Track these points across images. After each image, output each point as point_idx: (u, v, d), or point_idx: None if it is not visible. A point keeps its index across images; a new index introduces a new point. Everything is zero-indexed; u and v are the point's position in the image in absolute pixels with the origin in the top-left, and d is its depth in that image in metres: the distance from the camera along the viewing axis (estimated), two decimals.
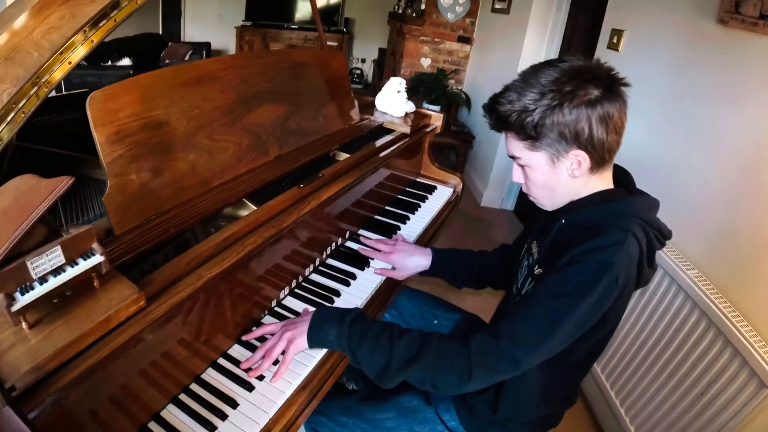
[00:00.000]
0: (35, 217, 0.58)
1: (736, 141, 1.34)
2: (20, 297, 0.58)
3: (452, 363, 0.83)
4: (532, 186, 0.90)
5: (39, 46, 0.88)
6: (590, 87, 0.76)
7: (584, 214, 0.86)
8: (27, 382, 0.58)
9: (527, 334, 0.80)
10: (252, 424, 0.84)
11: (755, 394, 1.12)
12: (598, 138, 0.78)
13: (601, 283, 0.77)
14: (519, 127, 0.81)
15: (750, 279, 1.25)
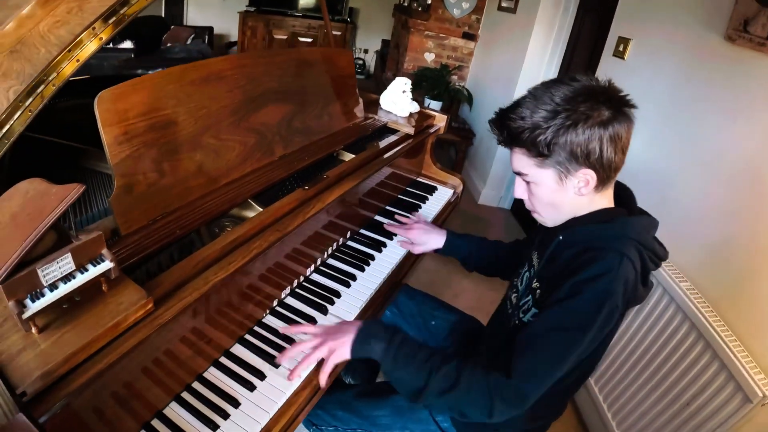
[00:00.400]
0: (46, 225, 0.58)
1: (736, 158, 1.34)
2: (31, 304, 0.59)
3: (476, 399, 0.85)
4: (536, 202, 0.90)
5: (46, 41, 0.87)
6: (603, 108, 0.77)
7: (581, 233, 0.87)
8: (38, 387, 0.58)
9: (537, 370, 0.82)
10: (253, 423, 0.85)
11: (739, 408, 1.14)
12: (608, 157, 0.79)
13: (603, 312, 0.79)
14: (530, 144, 0.81)
15: (742, 295, 1.26)
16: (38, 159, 1.16)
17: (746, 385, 1.13)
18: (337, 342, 0.92)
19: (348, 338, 0.92)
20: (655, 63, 1.72)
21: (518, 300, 1.01)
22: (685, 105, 1.55)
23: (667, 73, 1.65)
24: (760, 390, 1.10)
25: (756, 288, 1.23)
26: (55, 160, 1.19)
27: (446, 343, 1.33)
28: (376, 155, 1.41)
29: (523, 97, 0.84)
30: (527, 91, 0.84)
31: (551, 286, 0.86)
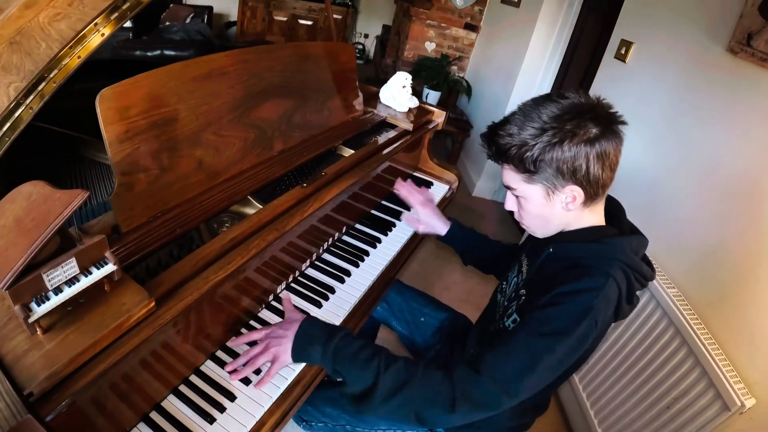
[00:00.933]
0: (51, 231, 0.59)
1: (729, 170, 1.36)
2: (36, 308, 0.60)
3: (435, 396, 0.82)
4: (525, 215, 0.91)
5: (47, 34, 0.85)
6: (590, 125, 0.78)
7: (571, 249, 0.88)
8: (44, 387, 0.60)
9: (508, 371, 0.80)
10: (248, 417, 0.88)
11: (717, 415, 1.17)
12: (594, 174, 0.80)
13: (581, 326, 0.79)
14: (518, 161, 0.82)
15: (727, 304, 1.29)
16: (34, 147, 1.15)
17: (725, 393, 1.16)
18: (279, 348, 0.92)
19: (288, 343, 0.92)
20: (656, 69, 1.72)
21: (506, 304, 1.03)
22: (684, 113, 1.56)
23: (668, 80, 1.65)
24: (738, 399, 1.13)
25: (741, 298, 1.26)
26: (50, 148, 1.18)
27: (433, 339, 1.35)
28: (373, 152, 1.42)
29: (512, 113, 0.84)
30: (517, 107, 0.85)
31: (535, 295, 0.87)
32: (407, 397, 0.83)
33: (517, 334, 0.83)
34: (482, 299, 2.31)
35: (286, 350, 0.92)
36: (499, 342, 0.84)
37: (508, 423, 1.08)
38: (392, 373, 0.84)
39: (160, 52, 2.49)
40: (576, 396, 1.69)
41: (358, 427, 1.14)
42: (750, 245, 1.26)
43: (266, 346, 0.93)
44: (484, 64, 3.55)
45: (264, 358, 0.92)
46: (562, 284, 0.82)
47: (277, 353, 0.92)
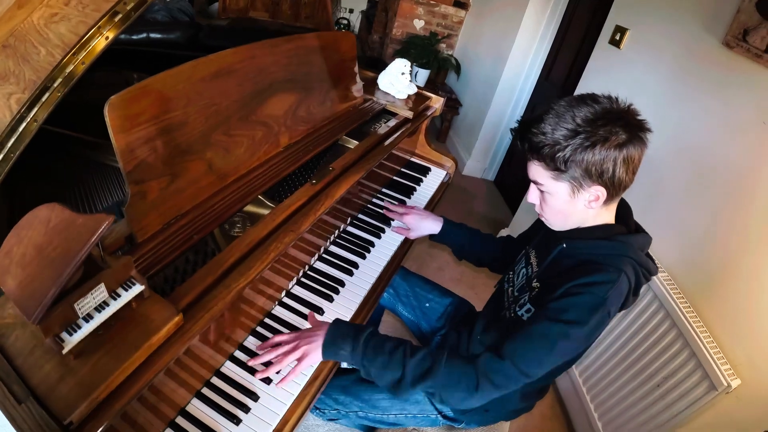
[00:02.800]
0: (79, 261, 0.55)
1: (719, 162, 1.37)
2: (69, 337, 0.57)
3: (459, 380, 0.88)
4: (547, 209, 0.93)
5: (45, 39, 0.78)
6: (620, 131, 0.79)
7: (585, 246, 0.91)
8: (82, 414, 0.58)
9: (528, 356, 0.86)
10: (273, 415, 0.88)
11: (705, 394, 1.22)
12: (619, 177, 0.82)
13: (595, 316, 0.83)
14: (549, 159, 0.83)
15: (716, 289, 1.33)
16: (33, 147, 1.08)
17: (713, 373, 1.20)
18: (309, 347, 0.93)
19: (318, 342, 0.93)
20: (650, 57, 1.70)
21: (516, 294, 1.05)
22: (677, 102, 1.55)
23: (662, 69, 1.63)
24: (724, 379, 1.17)
25: (729, 283, 1.29)
26: (47, 148, 1.11)
27: (439, 324, 1.37)
28: (377, 143, 1.38)
29: (545, 111, 0.85)
30: (550, 106, 0.85)
31: (550, 288, 0.90)
32: (433, 382, 0.88)
33: (536, 323, 0.87)
34: (475, 279, 2.35)
35: (317, 348, 0.93)
36: (518, 330, 0.89)
37: (516, 406, 1.12)
38: (418, 362, 0.89)
39: (146, 35, 2.35)
40: (570, 377, 1.74)
41: (370, 413, 1.15)
42: (737, 234, 1.28)
43: (296, 346, 0.94)
44: (473, 43, 3.46)
45: (293, 356, 0.93)
46: (579, 277, 0.85)
47: (307, 351, 0.93)
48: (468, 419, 1.14)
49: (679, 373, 1.30)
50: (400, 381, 0.89)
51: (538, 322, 0.86)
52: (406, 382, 0.89)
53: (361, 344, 0.92)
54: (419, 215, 1.37)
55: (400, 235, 1.39)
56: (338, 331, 0.94)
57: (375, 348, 0.91)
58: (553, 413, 1.80)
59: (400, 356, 0.90)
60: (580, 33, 2.46)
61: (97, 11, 0.76)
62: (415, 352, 0.90)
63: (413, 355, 0.90)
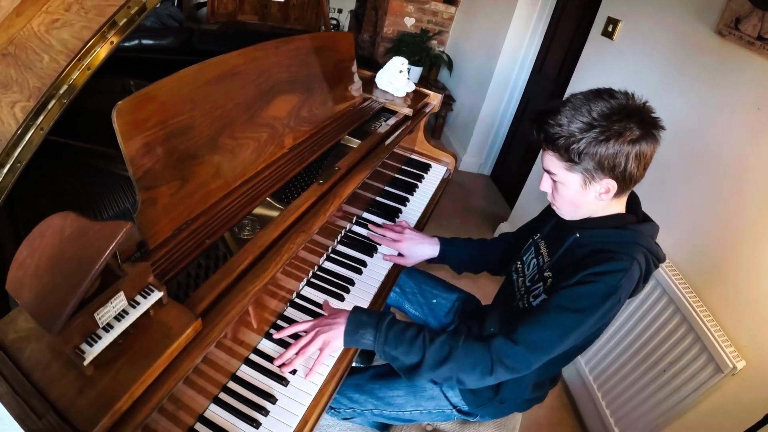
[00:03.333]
0: (98, 270, 0.53)
1: (716, 148, 1.37)
2: (89, 348, 0.55)
3: (476, 362, 0.90)
4: (558, 198, 0.94)
5: (47, 45, 0.76)
6: (635, 127, 0.81)
7: (597, 235, 0.92)
8: (106, 426, 0.56)
9: (541, 341, 0.88)
10: (292, 417, 0.86)
11: (711, 377, 1.23)
12: (630, 172, 0.84)
13: (607, 303, 0.85)
14: (563, 150, 0.84)
15: (717, 274, 1.33)
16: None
17: (718, 356, 1.21)
18: (330, 334, 0.93)
19: (339, 329, 0.94)
20: (643, 47, 1.70)
21: (528, 285, 1.05)
22: (672, 92, 1.55)
23: (655, 60, 1.63)
24: (730, 361, 1.18)
25: (730, 267, 1.29)
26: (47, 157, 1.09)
27: (447, 320, 1.36)
28: (380, 141, 1.37)
29: (562, 103, 0.86)
30: (567, 98, 0.86)
31: (563, 276, 0.91)
32: (452, 365, 0.90)
33: (549, 309, 0.88)
34: (476, 276, 2.33)
35: (338, 335, 0.93)
36: (531, 315, 0.90)
37: (530, 395, 1.12)
38: (437, 346, 0.91)
39: (138, 42, 2.32)
40: (577, 367, 1.74)
41: (385, 411, 1.15)
42: (737, 218, 1.29)
43: (316, 334, 0.93)
44: (464, 38, 3.45)
45: (314, 346, 0.92)
46: (593, 266, 0.86)
47: (328, 339, 0.93)
48: (482, 412, 1.14)
49: (684, 357, 1.31)
50: (419, 366, 0.91)
51: (552, 309, 0.87)
52: (426, 367, 0.91)
53: (383, 330, 0.93)
54: (413, 240, 1.26)
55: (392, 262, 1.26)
56: (359, 318, 0.95)
57: (396, 335, 0.92)
58: (561, 403, 1.80)
59: (421, 343, 0.91)
60: (572, 26, 2.46)
61: (101, 16, 0.74)
62: (434, 338, 0.92)
63: (432, 341, 0.92)
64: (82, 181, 1.08)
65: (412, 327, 0.95)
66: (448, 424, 1.19)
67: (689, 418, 1.31)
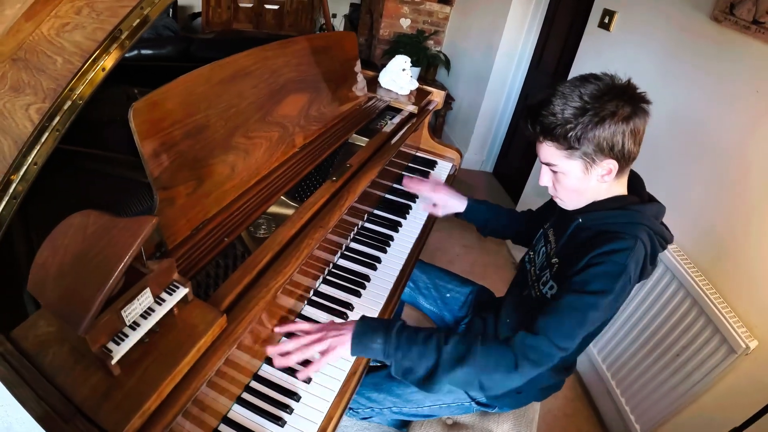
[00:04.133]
0: (125, 266, 0.52)
1: (717, 133, 1.36)
2: (116, 347, 0.54)
3: (498, 362, 0.85)
4: (561, 189, 0.93)
5: (60, 48, 0.75)
6: (625, 105, 0.81)
7: (599, 217, 0.91)
8: (135, 427, 0.54)
9: (562, 330, 0.86)
10: (317, 413, 0.85)
11: (725, 358, 1.22)
12: (628, 149, 0.84)
13: (619, 282, 0.84)
14: (562, 138, 0.83)
15: (725, 256, 1.32)
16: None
17: (730, 337, 1.20)
18: (338, 339, 0.87)
19: (347, 335, 0.88)
20: (641, 37, 1.69)
21: (537, 272, 1.04)
22: (670, 80, 1.54)
23: (653, 49, 1.63)
24: (742, 342, 1.17)
25: (738, 248, 1.28)
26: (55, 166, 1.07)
27: (461, 313, 1.35)
28: (388, 138, 1.36)
29: (550, 94, 0.85)
30: (555, 89, 0.85)
31: (569, 262, 0.90)
32: (470, 366, 0.84)
33: (564, 298, 0.86)
34: (485, 269, 2.34)
35: (344, 342, 0.87)
36: (548, 306, 0.88)
37: (547, 382, 1.10)
38: (453, 347, 0.86)
39: (138, 52, 2.31)
40: (589, 357, 1.72)
41: (404, 408, 1.13)
42: (742, 201, 1.28)
43: (323, 337, 0.88)
44: (461, 37, 3.45)
45: (319, 346, 0.86)
46: (598, 247, 0.85)
47: (333, 344, 0.87)
48: (501, 403, 1.12)
49: (697, 340, 1.30)
50: (435, 368, 0.84)
51: (566, 296, 0.86)
52: (443, 369, 0.84)
53: (393, 336, 0.87)
54: (448, 192, 1.34)
55: (428, 212, 1.36)
56: (368, 326, 0.89)
57: (408, 339, 0.87)
58: (575, 394, 1.79)
59: (435, 344, 0.86)
60: (568, 19, 2.45)
61: (114, 17, 0.72)
62: (449, 338, 0.87)
63: (447, 341, 0.86)
64: (91, 188, 1.06)
65: (424, 329, 0.90)
66: (468, 417, 1.17)
67: (705, 401, 1.30)
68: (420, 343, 0.87)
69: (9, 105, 0.72)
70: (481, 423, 1.16)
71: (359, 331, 0.88)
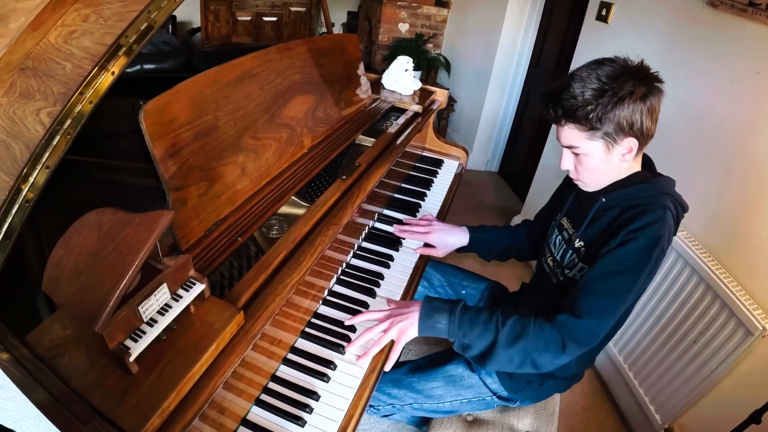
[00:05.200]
0: (142, 260, 0.51)
1: (723, 116, 1.35)
2: (134, 344, 0.52)
3: (548, 342, 0.88)
4: (584, 171, 0.93)
5: (69, 54, 0.75)
6: (641, 84, 0.83)
7: (623, 194, 0.92)
8: (155, 427, 0.53)
9: (603, 309, 0.87)
10: (337, 412, 0.83)
11: (742, 341, 1.19)
12: (647, 127, 0.85)
13: (654, 255, 0.85)
14: (584, 120, 0.84)
15: (736, 240, 1.30)
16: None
17: (747, 320, 1.18)
18: (405, 322, 0.92)
19: (413, 317, 0.93)
20: (638, 27, 1.68)
21: (557, 260, 1.04)
22: (671, 67, 1.52)
23: (651, 38, 1.62)
24: (759, 323, 1.15)
25: (749, 231, 1.26)
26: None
27: None
28: (395, 137, 1.35)
29: (568, 78, 0.87)
30: (571, 74, 0.87)
31: (600, 242, 0.91)
32: (524, 345, 0.88)
33: (601, 279, 0.88)
34: (497, 267, 2.31)
35: (413, 323, 0.92)
36: (584, 289, 0.89)
37: (569, 372, 1.09)
38: (509, 328, 0.90)
39: (140, 67, 2.33)
40: (605, 349, 1.69)
41: (425, 404, 1.11)
42: (750, 183, 1.26)
43: (391, 324, 0.92)
44: (460, 39, 3.46)
45: (390, 335, 0.92)
46: (630, 223, 0.86)
47: (403, 328, 0.92)
48: (523, 396, 1.10)
49: (713, 325, 1.27)
50: (493, 347, 0.90)
51: (605, 277, 0.87)
52: (500, 347, 0.89)
53: (457, 316, 0.92)
54: (443, 230, 1.24)
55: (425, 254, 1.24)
56: (434, 304, 0.94)
57: (470, 319, 0.91)
58: (593, 388, 1.76)
59: (494, 324, 0.90)
60: (565, 15, 2.45)
61: (122, 21, 0.73)
62: (506, 319, 0.91)
63: (504, 323, 0.90)
64: (100, 195, 1.06)
65: (485, 311, 0.94)
66: (488, 413, 1.15)
67: (724, 386, 1.27)
68: (481, 324, 0.91)
69: (19, 111, 0.72)
70: (502, 419, 1.14)
71: (425, 312, 0.93)
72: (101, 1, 0.80)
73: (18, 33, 0.77)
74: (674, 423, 1.39)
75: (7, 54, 0.77)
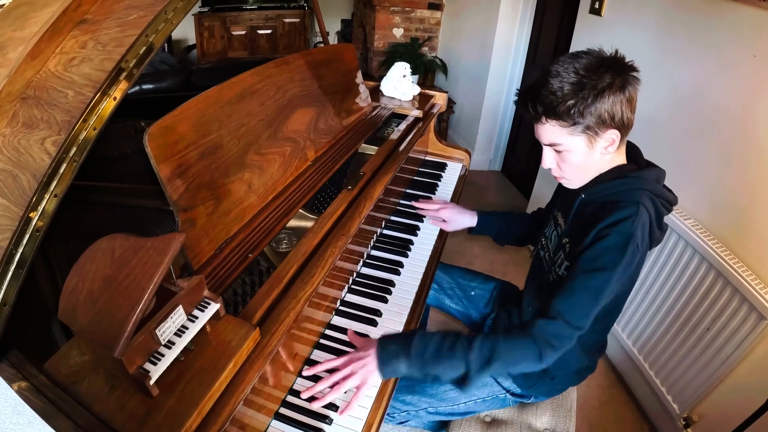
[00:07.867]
0: (156, 284, 0.51)
1: (721, 102, 1.33)
2: (153, 367, 0.52)
3: (523, 354, 0.86)
4: (567, 168, 0.92)
5: (70, 82, 0.76)
6: (619, 75, 0.81)
7: (600, 190, 0.91)
8: None
9: (576, 308, 0.86)
10: (356, 422, 0.83)
11: (756, 326, 1.18)
12: (627, 117, 0.84)
13: (627, 251, 0.83)
14: (565, 115, 0.82)
15: (743, 225, 1.28)
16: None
17: (759, 304, 1.16)
18: (366, 370, 0.87)
19: (372, 364, 0.88)
20: (632, 18, 1.67)
21: (552, 256, 1.03)
22: (667, 56, 1.52)
23: (646, 27, 1.61)
24: None
25: (755, 215, 1.25)
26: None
27: (487, 309, 1.33)
28: (397, 143, 1.35)
29: (544, 74, 0.85)
30: (547, 69, 0.85)
31: (579, 239, 0.90)
32: (498, 364, 0.86)
33: (575, 277, 0.86)
34: (504, 267, 2.30)
35: (373, 371, 0.87)
36: (561, 288, 0.88)
37: (579, 365, 1.07)
38: (477, 351, 0.87)
39: (139, 88, 2.34)
40: (619, 342, 1.68)
41: (440, 407, 1.10)
42: (753, 167, 1.24)
43: (351, 371, 0.87)
44: (455, 40, 3.46)
45: (352, 382, 0.86)
46: (602, 220, 0.85)
47: (365, 376, 0.87)
48: (536, 392, 1.10)
49: (725, 312, 1.25)
50: (466, 375, 0.87)
51: (577, 275, 0.86)
52: (473, 374, 0.87)
53: (414, 359, 0.87)
54: (456, 208, 1.35)
55: (437, 226, 1.36)
56: (388, 352, 0.89)
57: (432, 355, 0.87)
58: (609, 381, 1.74)
59: (461, 352, 0.87)
60: (558, 9, 2.44)
61: (121, 46, 0.73)
62: (472, 342, 0.87)
63: (471, 347, 0.87)
64: (109, 220, 1.06)
65: (446, 338, 0.89)
66: (506, 412, 1.14)
67: (740, 372, 1.25)
68: (445, 356, 0.87)
69: (24, 141, 0.73)
70: (520, 417, 1.13)
71: (382, 360, 0.88)
72: (98, 27, 0.80)
73: (17, 62, 0.78)
74: (692, 411, 1.37)
75: (8, 84, 0.77)
